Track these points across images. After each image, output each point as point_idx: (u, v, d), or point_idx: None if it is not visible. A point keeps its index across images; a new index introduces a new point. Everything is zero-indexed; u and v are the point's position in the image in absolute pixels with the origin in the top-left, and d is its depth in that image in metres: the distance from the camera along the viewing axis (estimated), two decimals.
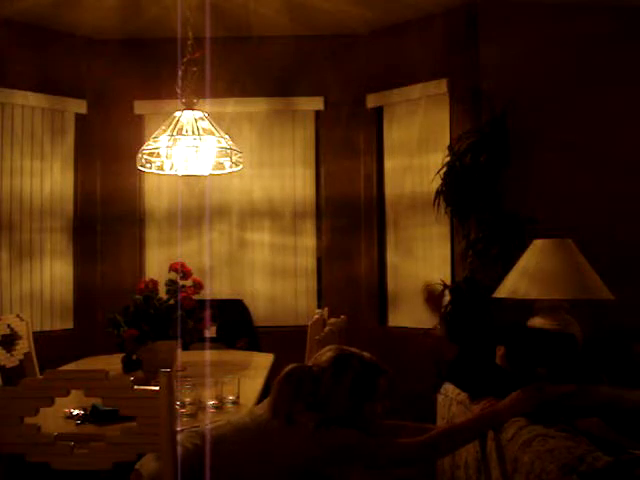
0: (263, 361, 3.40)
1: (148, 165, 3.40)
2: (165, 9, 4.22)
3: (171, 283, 3.02)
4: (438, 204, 4.11)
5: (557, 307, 3.03)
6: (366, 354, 1.92)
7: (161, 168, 3.42)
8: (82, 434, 1.97)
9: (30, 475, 1.88)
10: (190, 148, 3.26)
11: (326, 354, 1.91)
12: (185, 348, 3.12)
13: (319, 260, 4.93)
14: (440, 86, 4.46)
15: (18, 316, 3.40)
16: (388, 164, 4.83)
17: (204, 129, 3.24)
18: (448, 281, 4.21)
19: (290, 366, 1.88)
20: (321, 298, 4.89)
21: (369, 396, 1.86)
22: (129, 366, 2.97)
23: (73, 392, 1.58)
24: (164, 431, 1.50)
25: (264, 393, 2.68)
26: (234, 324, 4.53)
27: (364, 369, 1.87)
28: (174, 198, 4.86)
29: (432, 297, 2.51)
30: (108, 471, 1.54)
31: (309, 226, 4.95)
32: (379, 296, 4.83)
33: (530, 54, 4.09)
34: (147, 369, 2.82)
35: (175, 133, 3.20)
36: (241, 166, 3.52)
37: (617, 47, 4.06)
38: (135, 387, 1.53)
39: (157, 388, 1.53)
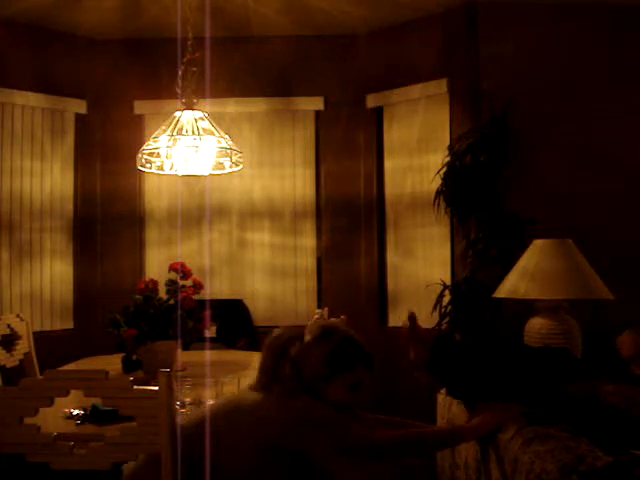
0: None
1: (148, 165, 3.40)
2: (165, 9, 4.22)
3: (171, 283, 3.02)
4: (438, 204, 4.10)
5: (557, 307, 3.03)
6: (357, 335, 1.92)
7: (161, 168, 3.42)
8: (81, 434, 1.97)
9: (30, 475, 1.88)
10: (190, 148, 3.26)
11: (316, 323, 1.94)
12: (185, 348, 3.12)
13: (319, 260, 4.93)
14: (440, 86, 4.46)
15: (18, 316, 3.41)
16: (388, 164, 4.83)
17: (204, 129, 3.24)
18: (448, 281, 4.22)
19: (276, 331, 1.92)
20: (321, 298, 4.89)
21: (344, 370, 1.85)
22: (129, 366, 2.96)
23: (73, 392, 1.58)
24: (164, 431, 1.50)
25: None
26: (234, 324, 4.53)
27: (347, 342, 1.88)
28: (174, 198, 4.86)
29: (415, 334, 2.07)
30: (107, 471, 1.53)
31: (309, 226, 4.95)
32: (379, 296, 4.83)
33: (530, 54, 4.09)
34: (147, 369, 2.82)
35: (175, 133, 3.19)
36: (241, 166, 3.52)
37: (617, 47, 4.05)
38: (135, 387, 1.53)
39: (156, 388, 1.53)
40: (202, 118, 3.27)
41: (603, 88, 4.04)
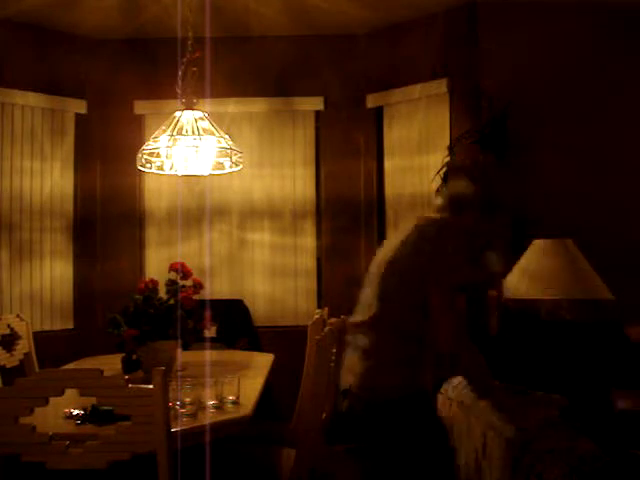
0: (263, 361, 3.39)
1: (148, 165, 3.40)
2: (165, 9, 4.22)
3: (171, 283, 3.01)
4: None
5: (557, 307, 3.02)
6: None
7: (161, 168, 3.42)
8: (76, 434, 1.95)
9: (26, 475, 1.87)
10: (190, 148, 3.26)
11: None
12: (185, 348, 3.11)
13: (319, 260, 4.93)
14: (440, 86, 4.45)
15: (18, 316, 3.40)
16: (388, 164, 4.82)
17: (204, 129, 3.24)
18: None
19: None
20: (321, 298, 4.88)
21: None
22: (129, 366, 2.95)
23: (73, 392, 1.57)
24: (158, 430, 1.50)
25: (264, 393, 2.67)
26: (234, 324, 4.52)
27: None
28: (174, 198, 4.85)
29: None
30: (103, 470, 1.53)
31: (309, 226, 4.94)
32: None
33: (531, 54, 4.08)
34: (147, 369, 2.81)
35: (175, 133, 3.19)
36: (241, 166, 3.51)
37: (617, 47, 4.05)
38: (129, 386, 1.53)
39: (151, 387, 1.52)
40: (202, 118, 3.27)
41: (603, 88, 4.03)
